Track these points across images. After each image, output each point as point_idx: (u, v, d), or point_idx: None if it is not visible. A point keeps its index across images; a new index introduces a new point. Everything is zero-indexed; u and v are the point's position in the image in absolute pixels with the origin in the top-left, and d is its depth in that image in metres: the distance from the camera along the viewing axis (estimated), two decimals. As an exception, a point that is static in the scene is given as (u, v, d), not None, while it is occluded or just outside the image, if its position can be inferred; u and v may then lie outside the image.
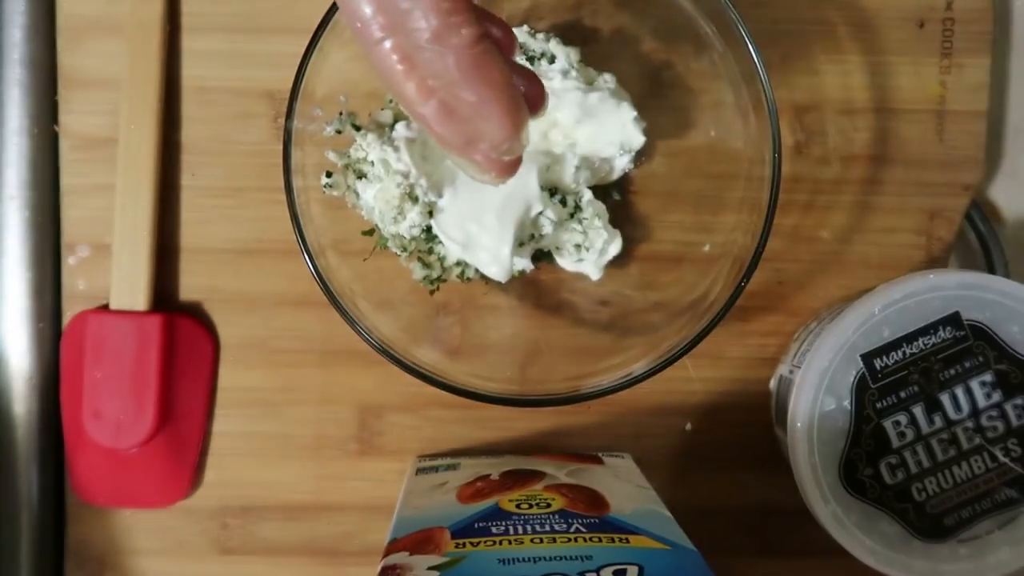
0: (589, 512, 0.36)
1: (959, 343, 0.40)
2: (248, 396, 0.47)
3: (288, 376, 0.47)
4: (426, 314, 0.45)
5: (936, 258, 0.47)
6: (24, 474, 0.46)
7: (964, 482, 0.41)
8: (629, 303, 0.45)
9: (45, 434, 0.46)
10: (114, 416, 0.44)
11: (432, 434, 0.47)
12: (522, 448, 0.47)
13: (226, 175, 0.46)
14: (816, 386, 0.40)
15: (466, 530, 0.35)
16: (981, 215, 0.48)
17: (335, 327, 0.43)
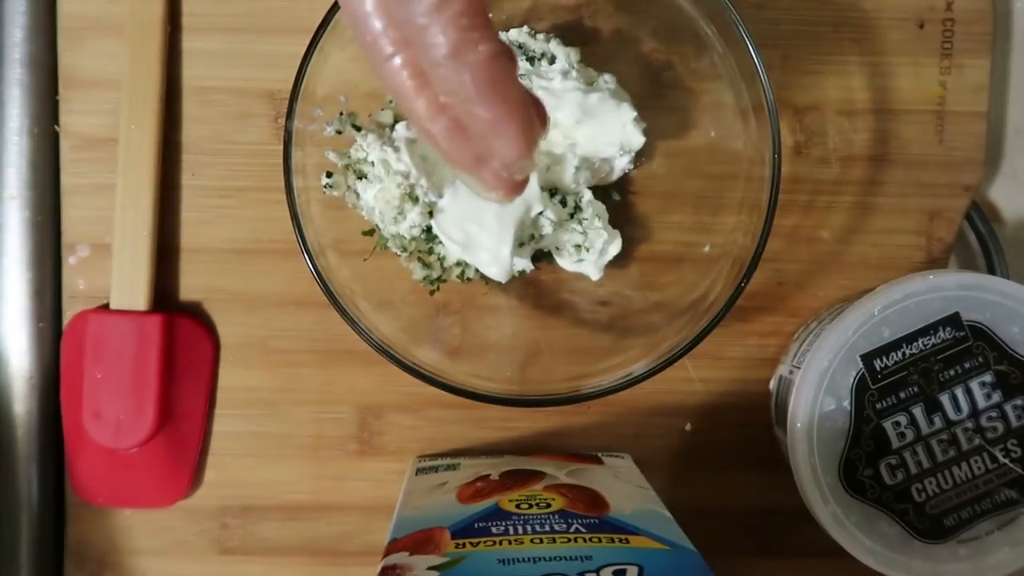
0: (589, 512, 0.36)
1: (959, 344, 0.40)
2: (248, 396, 0.47)
3: (288, 376, 0.47)
4: (426, 314, 0.45)
5: (936, 259, 0.47)
6: (24, 474, 0.46)
7: (964, 483, 0.41)
8: (629, 303, 0.45)
9: (45, 434, 0.46)
10: (114, 416, 0.44)
11: (432, 434, 0.47)
12: (522, 448, 0.47)
13: (226, 175, 0.46)
14: (816, 386, 0.40)
15: (466, 530, 0.35)
16: (981, 216, 0.48)
17: (335, 327, 0.43)
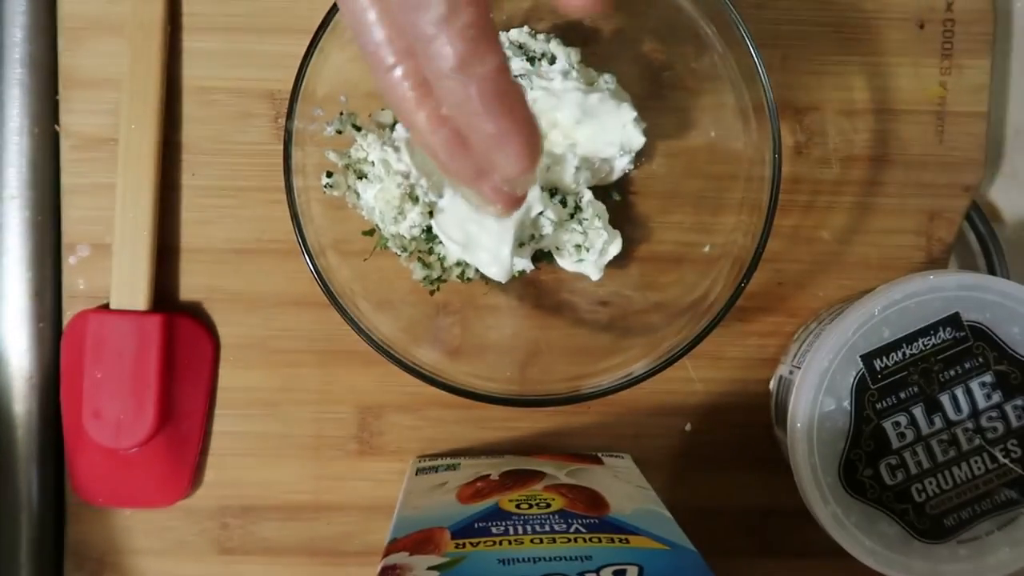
0: (589, 512, 0.36)
1: (959, 344, 0.40)
2: (248, 396, 0.47)
3: (288, 376, 0.47)
4: (426, 314, 0.45)
5: (936, 259, 0.47)
6: (24, 474, 0.46)
7: (964, 483, 0.40)
8: (629, 303, 0.45)
9: (45, 434, 0.46)
10: (114, 416, 0.44)
11: (432, 434, 0.47)
12: (522, 448, 0.47)
13: (226, 175, 0.46)
14: (816, 387, 0.40)
15: (466, 530, 0.35)
16: (981, 216, 0.48)
17: (335, 327, 0.43)
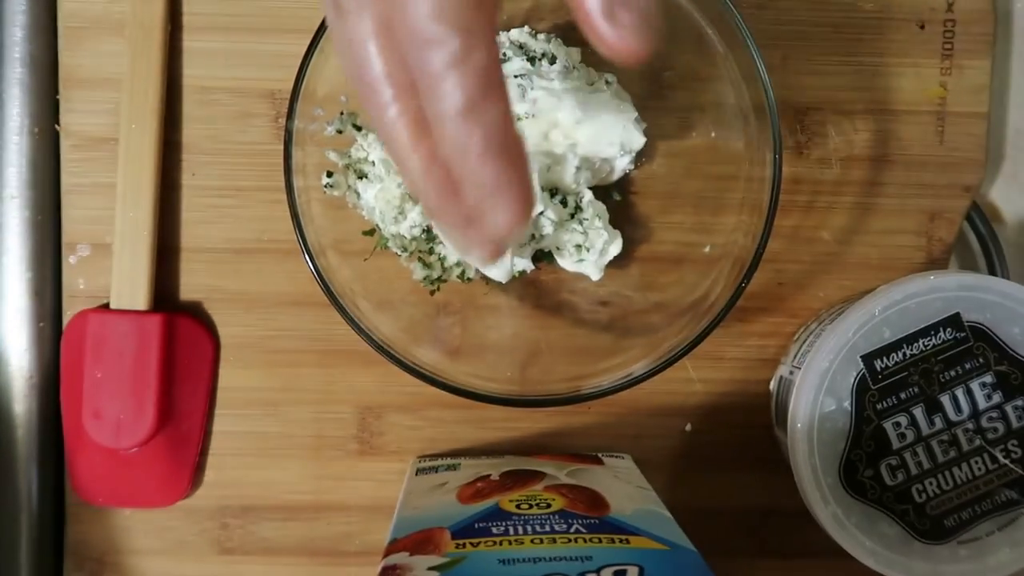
0: (589, 513, 0.36)
1: (959, 344, 0.40)
2: (248, 396, 0.47)
3: (288, 376, 0.46)
4: (426, 314, 0.45)
5: (936, 259, 0.47)
6: (24, 474, 0.46)
7: (964, 483, 0.40)
8: (629, 304, 0.45)
9: (45, 434, 0.46)
10: (114, 416, 0.44)
11: (432, 434, 0.47)
12: (522, 448, 0.47)
13: (227, 175, 0.46)
14: (816, 387, 0.40)
15: (466, 530, 0.35)
16: (982, 216, 0.47)
17: (335, 327, 0.43)
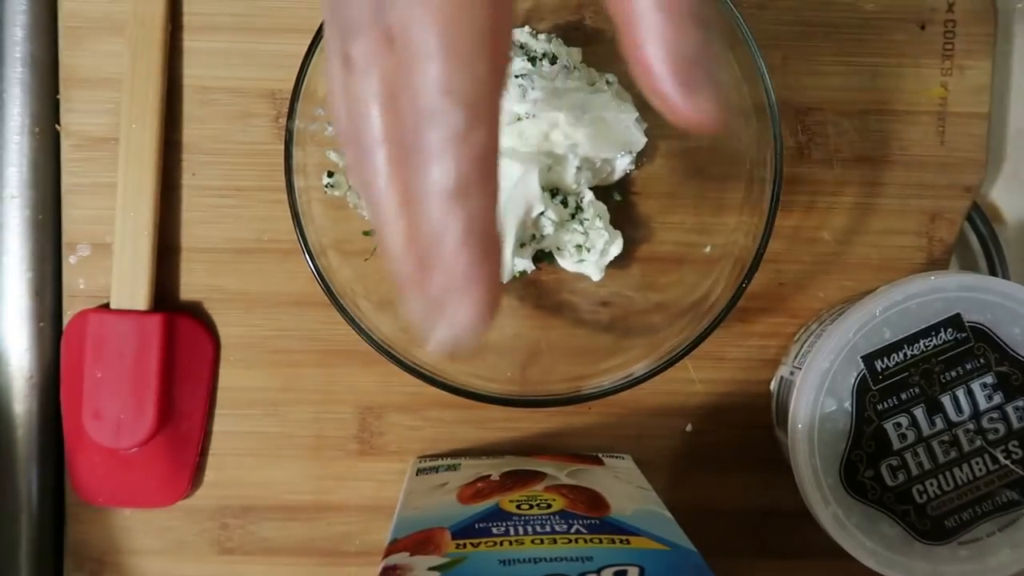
0: (590, 513, 0.36)
1: (960, 345, 0.40)
2: (248, 396, 0.47)
3: (288, 376, 0.46)
4: (427, 314, 0.45)
5: (937, 260, 0.47)
6: (24, 474, 0.46)
7: (965, 484, 0.40)
8: (630, 304, 0.45)
9: (45, 434, 0.46)
10: (114, 416, 0.44)
11: (432, 434, 0.47)
12: (523, 449, 0.47)
13: (227, 175, 0.46)
14: (817, 387, 0.40)
15: (466, 531, 0.35)
16: (982, 217, 0.47)
17: (335, 327, 0.43)
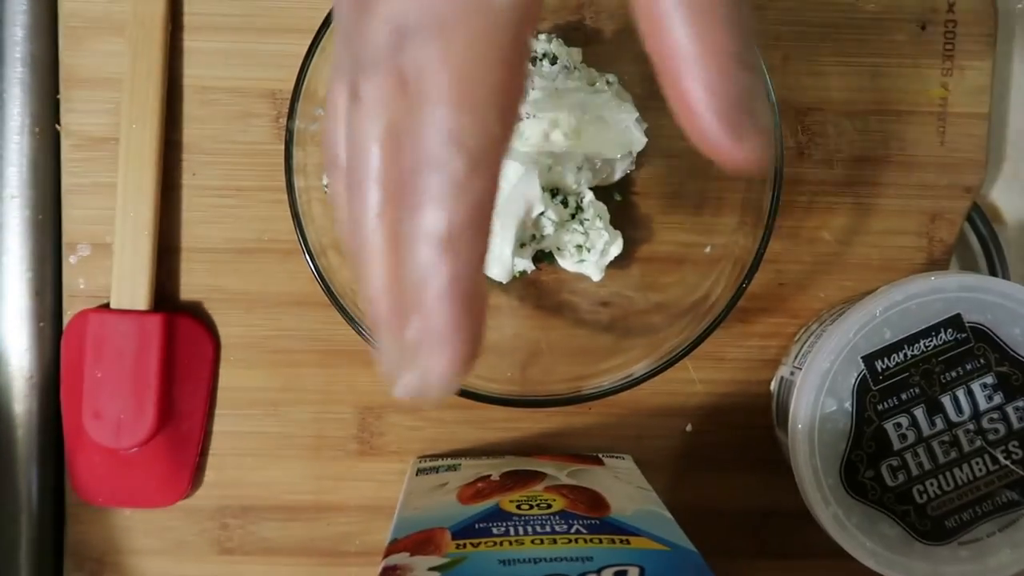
0: (590, 513, 0.36)
1: (960, 345, 0.40)
2: (248, 396, 0.47)
3: (288, 376, 0.46)
4: (427, 314, 0.45)
5: (937, 260, 0.47)
6: (24, 474, 0.46)
7: (965, 484, 0.40)
8: (630, 304, 0.45)
9: (45, 434, 0.46)
10: (114, 416, 0.44)
11: (433, 434, 0.47)
12: (523, 449, 0.47)
13: (227, 175, 0.46)
14: (817, 388, 0.40)
15: (467, 531, 0.35)
16: (982, 217, 0.47)
17: (335, 327, 0.43)
